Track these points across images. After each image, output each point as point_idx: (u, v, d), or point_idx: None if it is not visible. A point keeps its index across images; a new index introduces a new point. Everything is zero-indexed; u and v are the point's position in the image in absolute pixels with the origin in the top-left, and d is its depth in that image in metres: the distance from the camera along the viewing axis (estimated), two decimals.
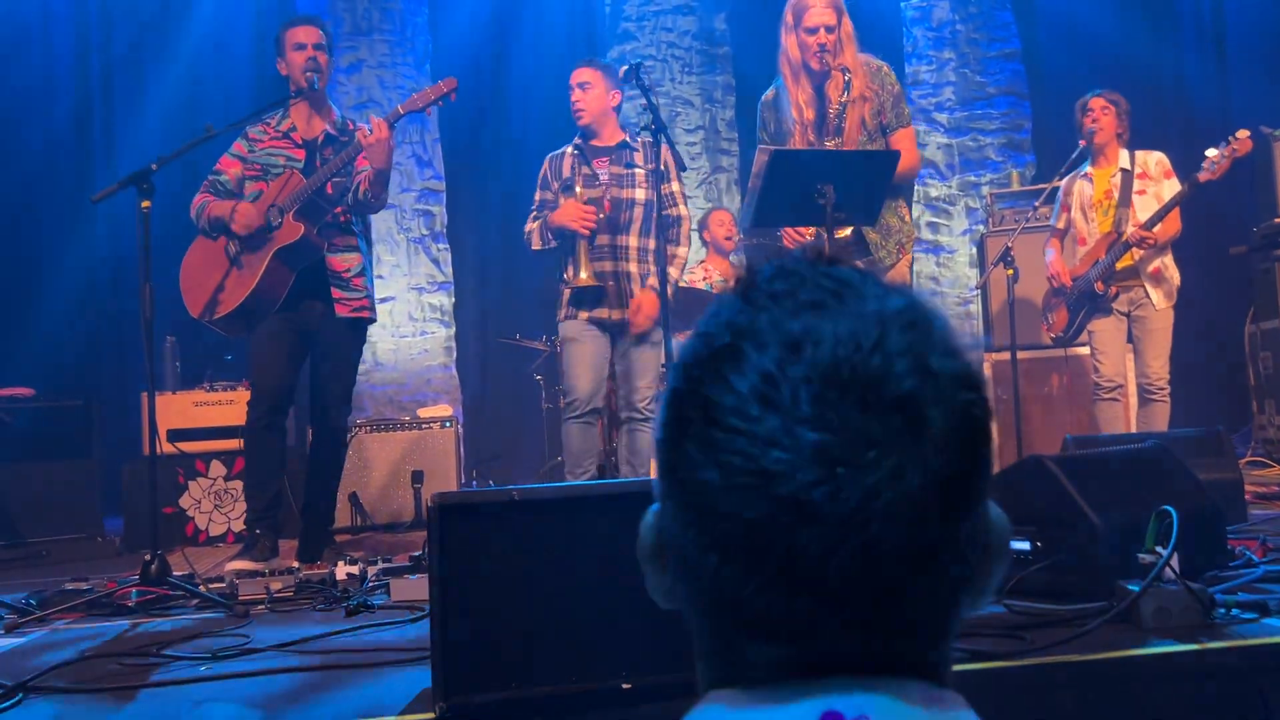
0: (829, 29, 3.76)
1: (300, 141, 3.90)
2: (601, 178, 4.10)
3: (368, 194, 3.78)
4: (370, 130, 3.62)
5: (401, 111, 3.79)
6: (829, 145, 3.73)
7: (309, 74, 3.80)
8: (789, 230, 3.83)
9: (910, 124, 3.95)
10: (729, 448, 0.55)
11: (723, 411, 0.55)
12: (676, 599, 0.63)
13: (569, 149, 4.21)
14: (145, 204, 3.16)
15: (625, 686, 1.77)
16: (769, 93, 4.07)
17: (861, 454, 0.53)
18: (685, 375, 0.58)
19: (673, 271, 4.06)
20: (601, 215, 4.03)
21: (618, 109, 4.19)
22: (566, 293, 4.14)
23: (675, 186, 4.11)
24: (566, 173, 4.15)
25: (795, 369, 0.54)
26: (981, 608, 0.63)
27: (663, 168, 4.05)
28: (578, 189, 4.04)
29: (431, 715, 1.74)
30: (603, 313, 4.09)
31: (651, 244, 4.13)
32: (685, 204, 4.18)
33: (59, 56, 7.08)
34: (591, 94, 4.08)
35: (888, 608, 0.55)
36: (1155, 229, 4.58)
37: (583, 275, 4.03)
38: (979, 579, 0.60)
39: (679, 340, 3.97)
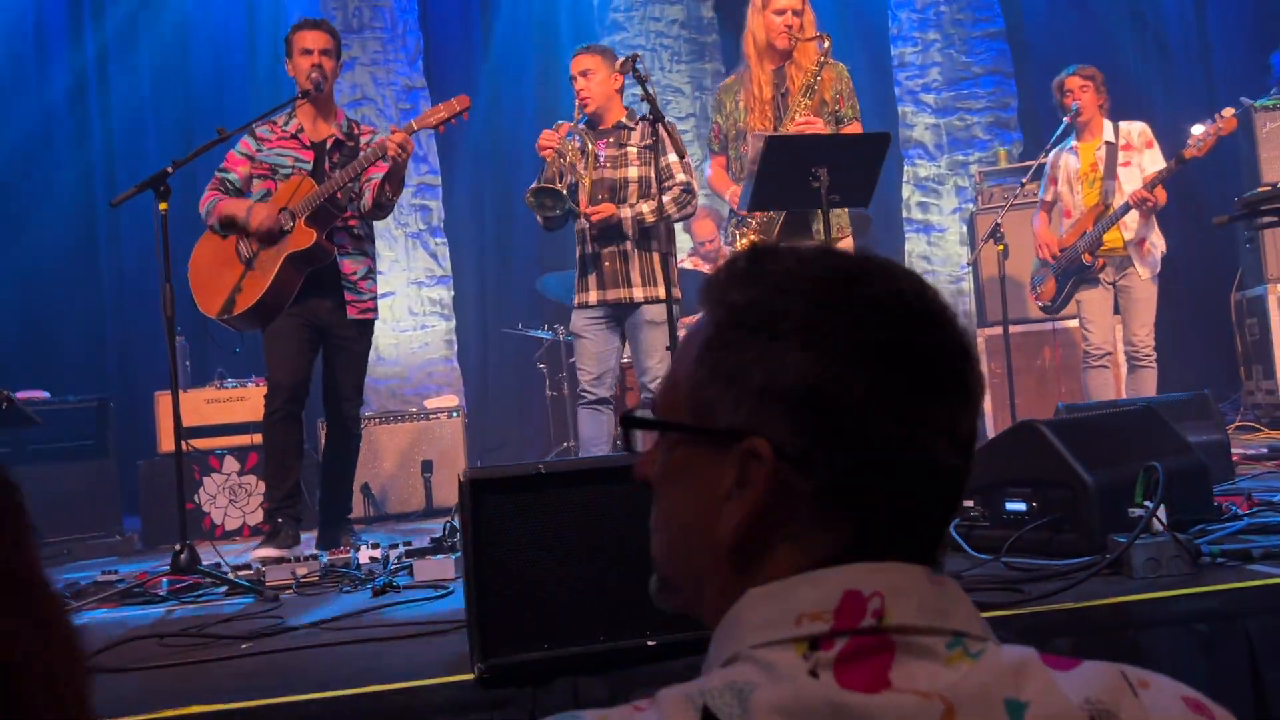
0: (796, 11, 3.95)
1: (308, 143, 4.00)
2: (600, 159, 4.13)
3: (377, 201, 3.86)
4: (404, 148, 3.69)
5: (416, 127, 3.83)
6: (797, 114, 3.90)
7: (314, 78, 3.89)
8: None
9: (859, 120, 4.14)
10: (951, 341, 0.74)
11: (933, 310, 0.74)
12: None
13: (575, 137, 4.20)
14: (163, 206, 3.26)
15: (650, 644, 1.89)
16: (730, 78, 4.25)
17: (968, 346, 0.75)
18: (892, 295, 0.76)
19: (650, 205, 4.02)
20: (600, 198, 4.05)
21: (620, 90, 4.18)
22: (575, 275, 4.21)
23: (673, 159, 4.02)
24: (570, 156, 4.15)
25: (922, 291, 0.74)
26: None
27: (656, 143, 4.03)
28: (580, 168, 4.06)
29: (471, 676, 1.86)
30: (601, 294, 4.11)
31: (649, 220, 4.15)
32: (685, 173, 4.04)
33: (53, 62, 7.14)
34: (594, 80, 4.08)
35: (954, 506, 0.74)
36: (1155, 191, 4.71)
37: (539, 183, 3.98)
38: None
39: (685, 323, 4.06)
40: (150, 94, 7.25)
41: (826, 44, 3.94)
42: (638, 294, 4.09)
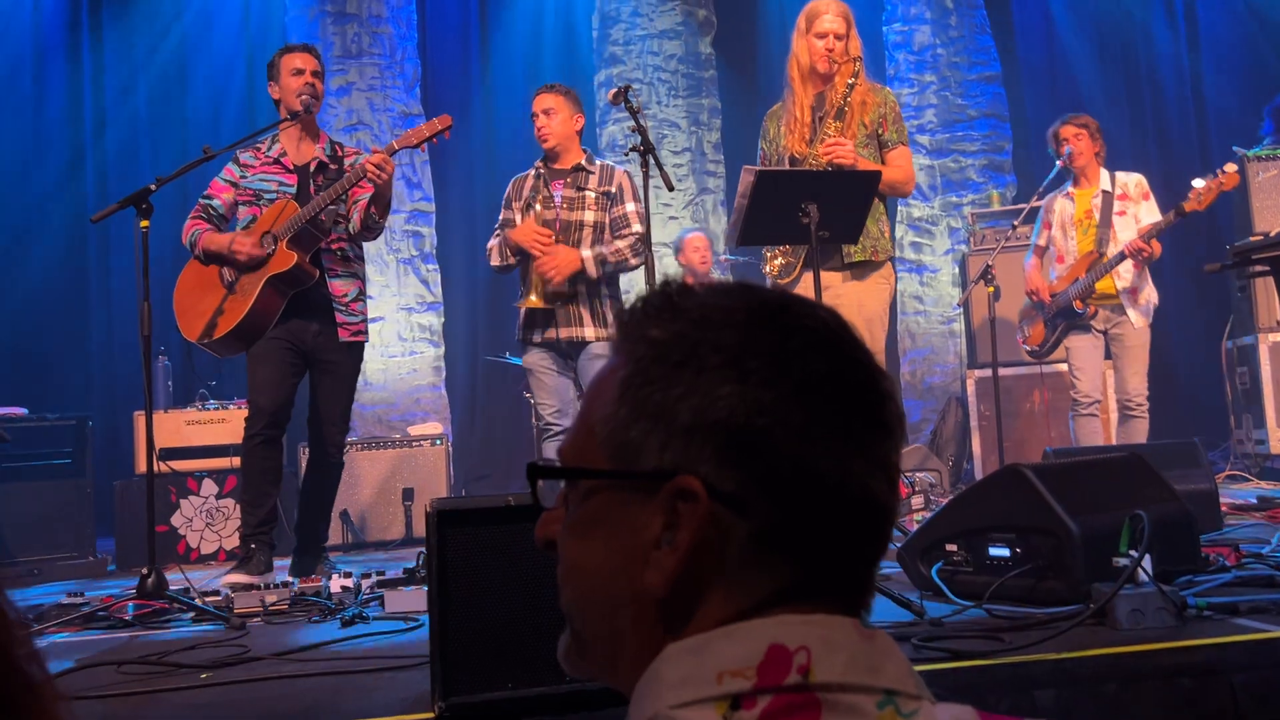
0: (838, 36, 3.93)
1: (291, 167, 3.96)
2: (556, 200, 4.17)
3: (365, 223, 3.84)
4: (381, 168, 3.66)
5: (396, 147, 3.79)
6: (829, 134, 3.85)
7: (304, 99, 3.87)
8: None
9: (908, 143, 4.08)
10: (859, 375, 0.72)
11: (847, 346, 0.72)
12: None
13: (531, 171, 4.30)
14: (144, 224, 3.22)
15: None
16: (776, 105, 4.21)
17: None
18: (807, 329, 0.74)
19: (611, 247, 4.08)
20: (554, 239, 4.08)
21: (580, 133, 4.26)
22: (521, 313, 4.22)
23: (629, 208, 4.15)
24: (526, 194, 4.24)
25: (839, 327, 0.74)
26: None
27: (614, 190, 4.14)
28: (538, 208, 4.12)
29: (431, 715, 1.80)
30: (554, 333, 4.15)
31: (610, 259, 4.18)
32: (640, 223, 4.13)
33: (51, 82, 7.15)
34: (556, 119, 4.16)
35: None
36: (1151, 243, 4.69)
37: (532, 297, 4.09)
38: None
39: None
40: (146, 113, 7.25)
41: (857, 66, 3.92)
42: (589, 333, 4.14)
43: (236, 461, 5.04)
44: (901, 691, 0.63)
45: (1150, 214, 4.86)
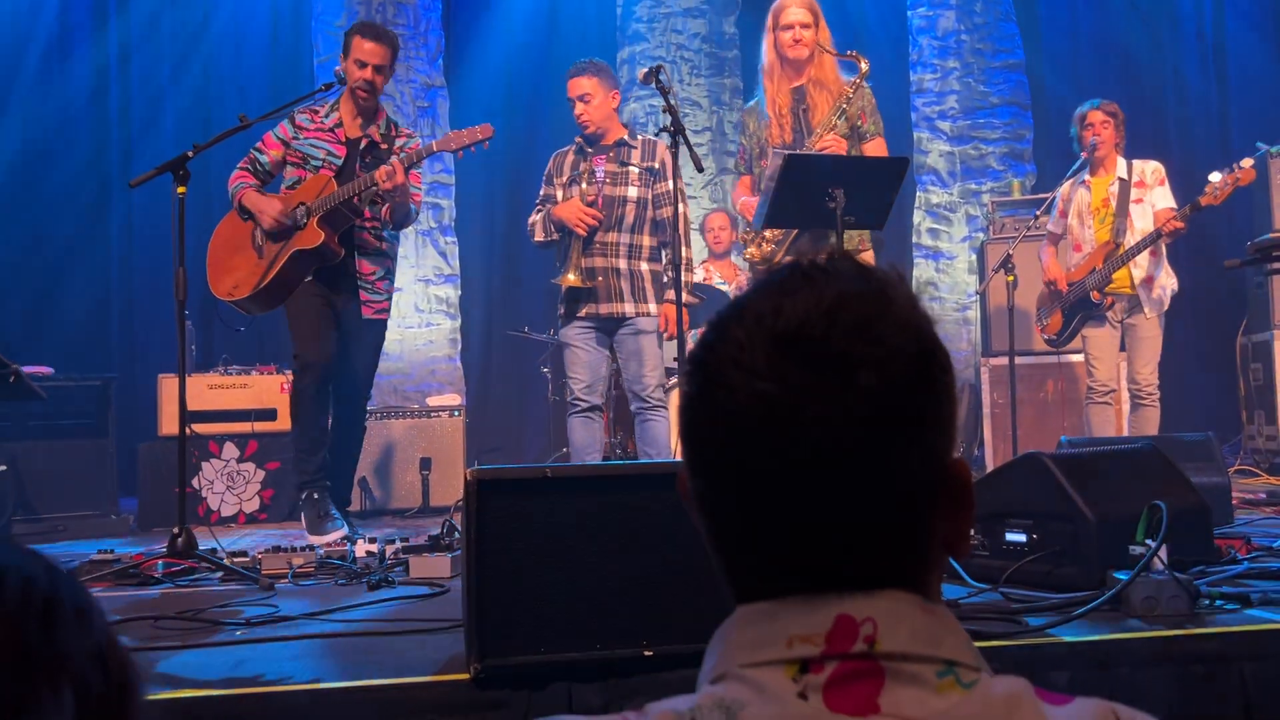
0: (804, 26, 4.06)
1: (344, 139, 4.02)
2: (598, 175, 4.18)
3: (388, 223, 3.94)
4: (387, 176, 3.69)
5: (435, 149, 3.85)
6: (825, 134, 3.95)
7: (359, 92, 3.92)
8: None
9: (882, 136, 4.17)
10: (726, 403, 0.68)
11: (716, 372, 0.69)
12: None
13: (572, 147, 4.32)
14: (181, 189, 3.27)
15: (647, 654, 1.89)
16: (752, 102, 4.32)
17: (799, 401, 0.66)
18: (698, 348, 0.73)
19: (686, 275, 4.17)
20: (597, 217, 4.13)
21: (619, 109, 4.28)
22: (563, 290, 4.25)
23: (670, 185, 4.18)
24: (568, 170, 4.25)
25: (758, 336, 0.67)
26: (964, 553, 0.74)
27: (658, 166, 4.17)
28: (583, 185, 4.14)
29: (465, 676, 1.86)
30: (594, 308, 4.19)
31: (645, 240, 4.21)
32: (683, 202, 4.17)
33: (76, 45, 7.17)
34: (593, 104, 4.17)
35: (852, 538, 0.68)
36: (1179, 222, 4.69)
37: (569, 276, 4.12)
38: (944, 522, 0.71)
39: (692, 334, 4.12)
40: (170, 74, 7.28)
41: (864, 66, 4.00)
42: (629, 309, 4.18)
43: (258, 426, 5.13)
44: (961, 663, 0.67)
45: (1164, 199, 4.87)
